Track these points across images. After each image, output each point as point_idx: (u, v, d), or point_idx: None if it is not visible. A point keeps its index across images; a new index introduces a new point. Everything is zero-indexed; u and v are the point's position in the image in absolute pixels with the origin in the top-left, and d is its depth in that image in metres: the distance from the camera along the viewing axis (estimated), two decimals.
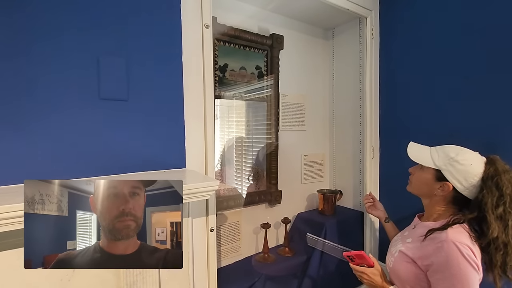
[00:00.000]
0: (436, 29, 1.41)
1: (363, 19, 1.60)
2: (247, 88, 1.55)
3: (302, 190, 1.85)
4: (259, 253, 1.56)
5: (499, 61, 1.20)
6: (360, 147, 1.76)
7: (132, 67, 0.86)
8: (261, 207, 1.64)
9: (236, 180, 1.60)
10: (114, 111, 0.84)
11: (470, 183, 0.87)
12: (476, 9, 1.27)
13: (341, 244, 1.50)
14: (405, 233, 1.04)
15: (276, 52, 1.61)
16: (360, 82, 1.72)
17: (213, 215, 1.03)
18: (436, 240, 0.85)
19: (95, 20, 0.80)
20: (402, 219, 1.27)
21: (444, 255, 0.81)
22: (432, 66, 1.42)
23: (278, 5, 1.57)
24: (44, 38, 0.73)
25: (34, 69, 0.72)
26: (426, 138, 1.27)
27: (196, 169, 0.99)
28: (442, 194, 0.93)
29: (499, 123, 1.21)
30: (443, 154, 0.93)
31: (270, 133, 1.62)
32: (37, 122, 0.73)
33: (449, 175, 0.90)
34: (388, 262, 1.00)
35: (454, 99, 1.35)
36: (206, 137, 1.02)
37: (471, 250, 0.80)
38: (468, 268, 0.79)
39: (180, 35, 0.95)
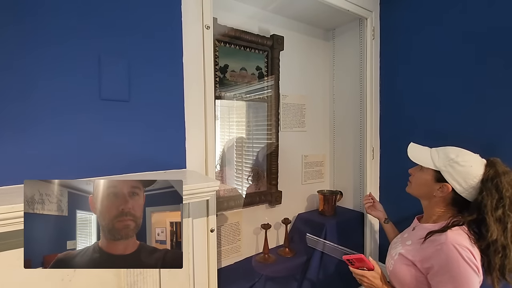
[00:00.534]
0: (436, 30, 1.41)
1: (364, 20, 1.60)
2: (247, 88, 1.55)
3: (303, 190, 1.85)
4: (259, 253, 1.56)
5: (499, 63, 1.20)
6: (360, 147, 1.76)
7: (133, 68, 0.87)
8: (261, 208, 1.64)
9: (236, 180, 1.60)
10: (115, 111, 0.84)
11: (470, 184, 0.86)
12: (476, 12, 1.27)
13: (341, 244, 1.50)
14: (405, 235, 1.03)
15: (276, 53, 1.61)
16: (361, 83, 1.72)
17: (213, 216, 1.03)
18: (435, 243, 0.84)
19: (96, 21, 0.81)
20: (402, 220, 1.26)
21: (444, 258, 0.81)
22: (432, 67, 1.42)
23: (279, 6, 1.57)
24: (44, 39, 0.74)
25: (34, 70, 0.73)
26: (426, 139, 1.27)
27: (196, 169, 1.00)
28: (441, 195, 0.92)
29: (500, 125, 1.21)
30: (443, 155, 0.92)
31: (271, 134, 1.62)
32: (37, 123, 0.73)
33: (448, 176, 0.89)
34: (388, 265, 1.00)
35: (454, 100, 1.35)
36: (207, 137, 1.02)
37: (471, 252, 0.79)
38: (468, 270, 0.78)
39: (180, 36, 0.95)
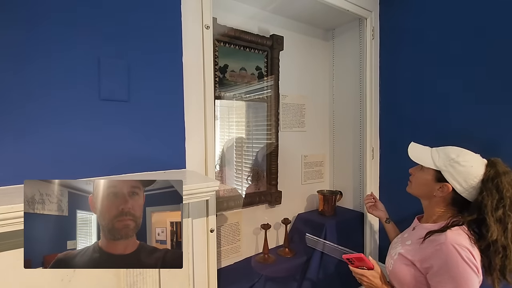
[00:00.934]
0: (436, 30, 1.41)
1: (363, 20, 1.60)
2: (247, 88, 1.55)
3: (302, 190, 1.85)
4: (259, 253, 1.56)
5: (500, 62, 1.20)
6: (360, 147, 1.76)
7: (133, 68, 0.87)
8: (261, 208, 1.64)
9: (236, 180, 1.60)
10: (115, 111, 0.84)
11: (470, 184, 0.86)
12: (476, 10, 1.27)
13: (341, 244, 1.50)
14: (405, 235, 1.03)
15: (276, 53, 1.61)
16: (360, 82, 1.72)
17: (213, 216, 1.03)
18: (435, 243, 0.84)
19: (96, 21, 0.81)
20: (402, 220, 1.26)
21: (443, 258, 0.81)
22: (432, 66, 1.43)
23: (278, 6, 1.57)
24: (44, 40, 0.74)
25: (34, 71, 0.72)
26: (426, 139, 1.26)
27: (196, 169, 0.99)
28: (441, 195, 0.92)
29: (501, 125, 1.21)
30: (444, 155, 0.92)
31: (270, 134, 1.62)
32: (37, 123, 0.73)
33: (449, 176, 0.89)
34: (388, 265, 1.00)
35: (455, 100, 1.35)
36: (206, 137, 1.02)
37: (471, 252, 0.79)
38: (467, 270, 0.78)
39: (180, 36, 0.95)
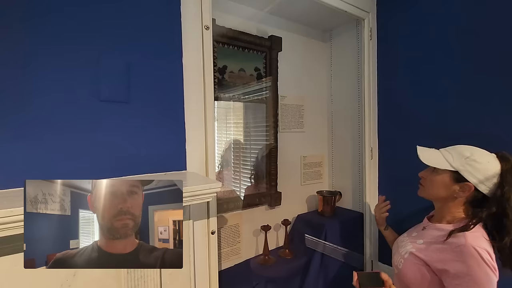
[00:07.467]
0: (434, 30, 1.42)
1: (361, 21, 1.61)
2: (246, 89, 1.55)
3: (302, 191, 1.84)
4: (259, 255, 1.55)
5: (498, 62, 1.21)
6: (359, 148, 1.76)
7: (133, 69, 0.86)
8: (261, 209, 1.63)
9: (234, 182, 1.60)
10: (115, 113, 0.83)
11: (490, 180, 0.87)
12: (474, 10, 1.28)
13: (341, 245, 1.50)
14: (413, 234, 1.02)
15: (274, 54, 1.61)
16: (358, 83, 1.73)
17: (214, 218, 1.02)
18: (453, 245, 0.84)
19: (95, 22, 0.80)
20: (402, 220, 1.27)
21: (464, 260, 0.80)
22: (430, 67, 1.43)
23: (276, 7, 1.58)
24: (44, 40, 0.73)
25: (33, 72, 0.72)
26: (425, 139, 1.28)
27: (197, 171, 0.99)
28: (463, 195, 0.91)
29: (499, 125, 1.21)
30: (457, 155, 0.92)
31: (269, 135, 1.62)
32: (36, 125, 0.72)
33: (468, 175, 0.89)
34: (397, 263, 0.99)
35: (453, 99, 1.35)
36: (207, 139, 1.01)
37: (489, 253, 0.80)
38: (488, 273, 0.78)
39: (180, 37, 0.95)
